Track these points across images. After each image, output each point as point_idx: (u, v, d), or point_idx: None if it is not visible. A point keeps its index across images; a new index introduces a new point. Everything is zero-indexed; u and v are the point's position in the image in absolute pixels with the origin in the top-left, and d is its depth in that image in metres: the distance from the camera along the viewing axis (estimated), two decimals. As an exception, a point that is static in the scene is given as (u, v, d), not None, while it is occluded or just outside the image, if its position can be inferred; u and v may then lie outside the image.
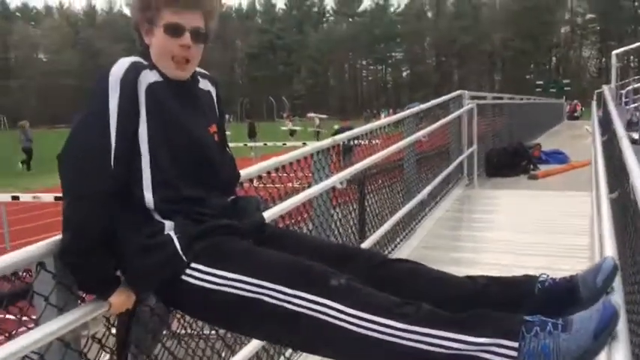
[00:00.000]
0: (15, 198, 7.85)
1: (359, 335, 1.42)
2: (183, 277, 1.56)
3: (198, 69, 1.83)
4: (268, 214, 2.54)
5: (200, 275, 1.55)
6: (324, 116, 30.75)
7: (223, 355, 2.53)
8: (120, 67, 1.62)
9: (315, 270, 1.53)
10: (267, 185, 2.82)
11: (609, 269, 1.49)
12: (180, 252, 1.57)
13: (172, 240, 1.58)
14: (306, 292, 1.47)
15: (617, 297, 1.44)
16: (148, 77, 1.65)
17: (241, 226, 1.68)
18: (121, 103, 1.59)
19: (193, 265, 1.56)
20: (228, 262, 1.56)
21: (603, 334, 1.33)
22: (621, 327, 1.35)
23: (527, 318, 1.40)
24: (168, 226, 1.60)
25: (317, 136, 23.42)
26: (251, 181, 2.62)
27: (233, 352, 2.57)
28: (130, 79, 1.61)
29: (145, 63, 1.68)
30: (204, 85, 1.86)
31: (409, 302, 1.45)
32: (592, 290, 1.50)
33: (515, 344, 1.36)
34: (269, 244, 1.68)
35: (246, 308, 1.52)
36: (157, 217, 1.61)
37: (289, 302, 1.48)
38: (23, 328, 1.56)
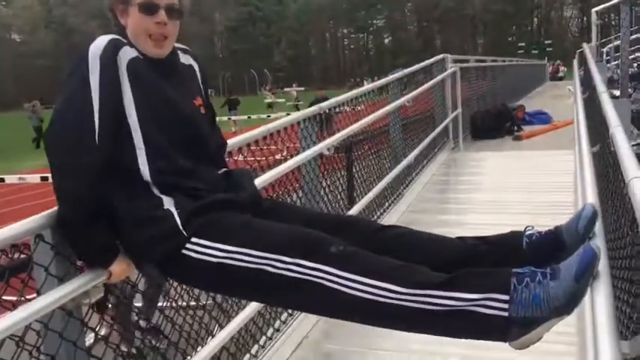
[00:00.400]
0: (0, 180, 7.76)
1: (359, 299, 1.48)
2: (184, 252, 1.60)
3: (178, 44, 1.85)
4: (258, 182, 2.57)
5: (201, 249, 1.59)
6: (301, 88, 30.42)
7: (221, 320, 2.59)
8: (99, 44, 1.64)
9: (314, 237, 1.58)
10: (255, 157, 2.84)
11: (589, 215, 1.55)
12: (181, 227, 1.60)
13: (172, 214, 1.61)
14: (307, 260, 1.52)
15: (597, 241, 1.50)
16: (128, 53, 1.67)
17: (239, 200, 1.71)
18: (102, 78, 1.61)
19: (194, 239, 1.59)
20: (228, 235, 1.59)
21: (584, 277, 1.39)
22: (602, 269, 1.41)
23: (518, 270, 1.46)
24: (167, 201, 1.63)
25: (296, 108, 23.29)
26: (240, 150, 2.64)
27: (230, 318, 2.63)
28: (109, 55, 1.63)
29: (124, 40, 1.70)
30: (186, 59, 1.88)
31: (404, 265, 1.51)
32: (575, 237, 1.56)
33: (506, 297, 1.42)
34: (266, 217, 1.72)
35: (248, 278, 1.56)
36: (156, 191, 1.64)
37: (290, 270, 1.52)
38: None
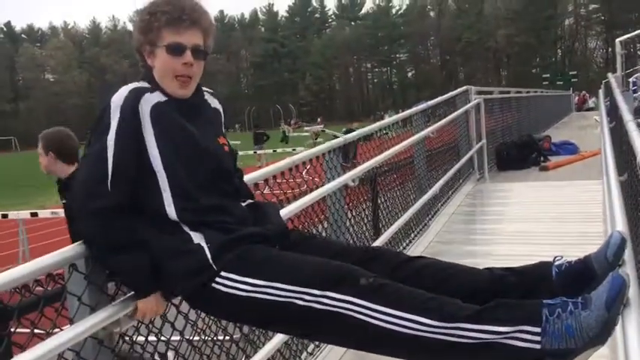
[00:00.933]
0: (34, 215, 7.94)
1: (389, 331, 1.48)
2: (214, 285, 1.62)
3: (204, 88, 1.93)
4: (285, 212, 2.60)
5: (231, 283, 1.61)
6: (319, 127, 30.24)
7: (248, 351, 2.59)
8: (120, 95, 1.72)
9: (343, 270, 1.58)
10: (281, 189, 2.88)
11: (617, 242, 1.54)
12: (211, 261, 1.63)
13: (203, 248, 1.64)
14: (336, 292, 1.53)
15: (627, 268, 1.49)
16: (151, 99, 1.73)
17: (267, 233, 1.73)
18: (119, 127, 1.67)
19: (223, 273, 1.62)
20: (258, 269, 1.61)
21: (615, 305, 1.38)
22: (633, 296, 1.40)
23: (549, 301, 1.46)
24: (197, 236, 1.67)
25: (314, 145, 23.38)
26: (266, 181, 2.68)
27: (257, 349, 2.63)
28: (130, 104, 1.70)
29: (147, 86, 1.77)
30: (212, 101, 1.95)
31: (434, 297, 1.51)
32: (604, 265, 1.54)
33: (538, 329, 1.42)
34: (293, 249, 1.74)
35: (277, 312, 1.58)
36: (185, 228, 1.68)
37: (320, 302, 1.53)
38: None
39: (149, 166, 1.70)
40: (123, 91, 1.72)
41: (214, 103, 1.95)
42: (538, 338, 1.41)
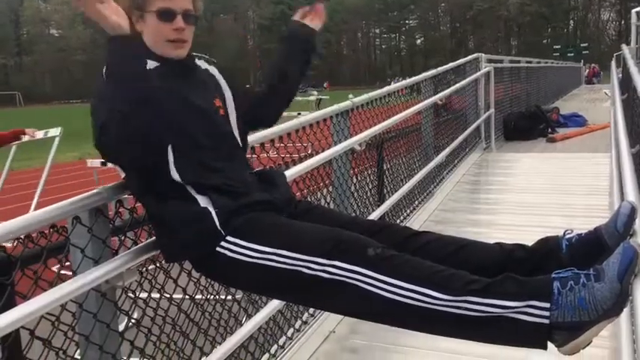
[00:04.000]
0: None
1: (395, 302, 1.46)
2: (219, 250, 1.60)
3: (199, 55, 1.90)
4: (290, 173, 2.57)
5: (237, 249, 1.59)
6: (315, 93, 29.69)
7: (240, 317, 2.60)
8: (118, 64, 1.62)
9: (351, 239, 1.56)
10: (287, 152, 2.84)
11: (627, 213, 1.51)
12: (219, 226, 1.60)
13: (210, 213, 1.62)
14: (343, 262, 1.51)
15: (638, 238, 1.46)
16: (150, 65, 1.66)
17: (275, 201, 1.71)
18: (127, 92, 1.59)
19: (230, 238, 1.60)
20: (265, 236, 1.59)
21: (627, 275, 1.36)
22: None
23: (560, 273, 1.43)
24: (203, 200, 1.64)
25: (318, 105, 22.92)
26: (272, 141, 2.64)
27: (258, 309, 2.64)
28: (134, 71, 1.61)
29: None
30: (202, 64, 1.91)
31: (443, 270, 1.48)
32: (615, 236, 1.52)
33: (547, 304, 1.40)
34: (301, 218, 1.72)
35: (283, 280, 1.56)
36: (191, 191, 1.65)
37: (326, 272, 1.51)
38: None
39: (152, 132, 1.66)
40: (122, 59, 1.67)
41: (204, 65, 1.93)
42: (547, 314, 1.39)
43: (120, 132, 1.57)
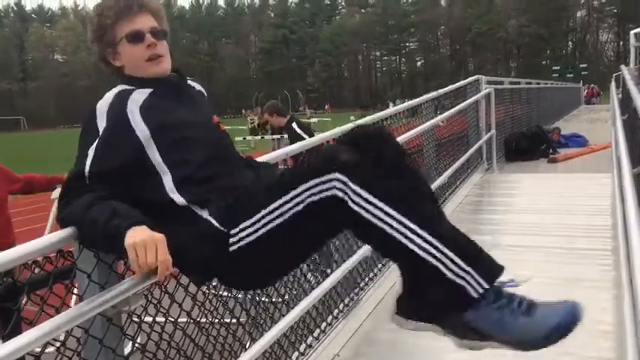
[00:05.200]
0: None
1: (375, 225, 1.46)
2: (233, 248, 1.60)
3: (187, 77, 1.91)
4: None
5: (242, 234, 1.59)
6: (311, 118, 29.53)
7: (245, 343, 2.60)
8: (105, 100, 1.70)
9: (322, 158, 1.56)
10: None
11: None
12: (220, 227, 1.61)
13: (210, 222, 1.63)
14: (315, 180, 1.50)
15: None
16: (138, 98, 1.71)
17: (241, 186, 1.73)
18: (108, 132, 1.64)
19: (232, 231, 1.61)
20: (252, 207, 1.59)
21: (556, 335, 1.38)
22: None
23: (502, 286, 1.47)
24: (205, 212, 1.65)
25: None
26: (277, 164, 2.67)
27: (262, 333, 2.64)
28: (117, 108, 1.68)
29: (129, 87, 1.75)
30: (195, 85, 1.94)
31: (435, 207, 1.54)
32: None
33: (487, 286, 1.43)
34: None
35: (290, 229, 1.55)
36: (195, 209, 1.66)
37: (306, 198, 1.51)
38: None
39: (149, 164, 1.67)
40: (108, 96, 1.71)
41: (197, 86, 1.95)
42: (477, 296, 1.42)
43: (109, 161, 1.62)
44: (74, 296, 1.79)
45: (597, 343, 3.00)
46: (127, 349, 1.92)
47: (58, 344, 1.60)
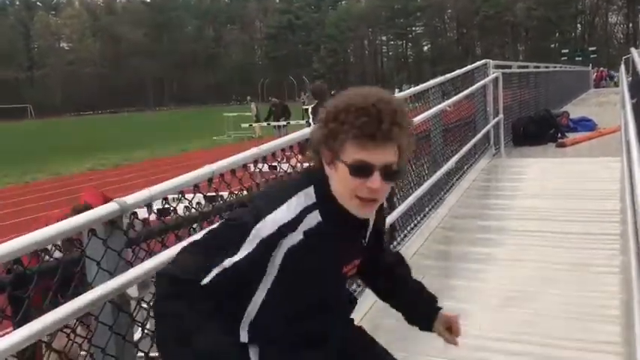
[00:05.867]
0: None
1: None
2: None
3: None
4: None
5: None
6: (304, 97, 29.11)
7: None
8: (269, 226, 1.39)
9: None
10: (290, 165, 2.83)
11: None
12: None
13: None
14: None
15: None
16: (297, 241, 1.41)
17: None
18: (247, 260, 1.39)
19: None
20: None
21: None
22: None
23: None
24: (253, 351, 1.50)
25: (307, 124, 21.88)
26: (283, 150, 2.65)
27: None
28: (270, 243, 1.40)
29: (313, 219, 1.43)
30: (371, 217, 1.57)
31: None
32: None
33: None
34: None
35: None
36: (251, 349, 1.51)
37: None
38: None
39: (248, 291, 1.47)
40: (274, 222, 1.39)
41: (374, 217, 1.58)
42: None
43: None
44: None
45: (604, 329, 3.00)
46: (137, 336, 1.94)
47: (68, 331, 1.62)
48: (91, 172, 15.52)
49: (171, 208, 2.06)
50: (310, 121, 7.45)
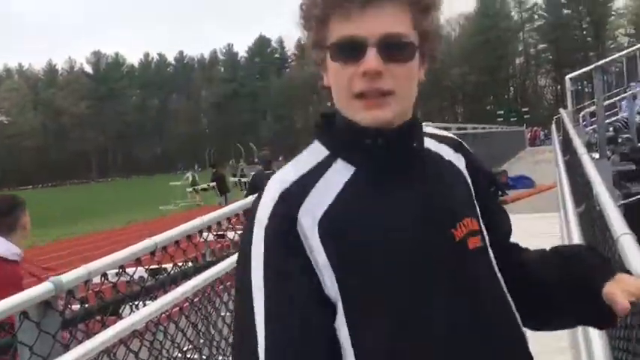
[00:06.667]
0: None
1: None
2: None
3: (428, 128, 1.13)
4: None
5: None
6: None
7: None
8: (264, 205, 0.94)
9: None
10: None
11: None
12: None
13: None
14: None
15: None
16: (322, 199, 0.94)
17: None
18: (266, 267, 0.91)
19: None
20: None
21: None
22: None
23: None
24: None
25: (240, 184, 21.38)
26: (219, 224, 2.62)
27: None
28: (279, 223, 0.92)
29: (324, 159, 1.01)
30: (438, 150, 1.07)
31: None
32: None
33: None
34: None
35: None
36: None
37: None
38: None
39: (326, 320, 0.92)
40: (270, 196, 0.94)
41: (444, 152, 1.08)
42: None
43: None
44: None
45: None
46: None
47: None
48: (30, 249, 14.87)
49: (111, 285, 1.98)
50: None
